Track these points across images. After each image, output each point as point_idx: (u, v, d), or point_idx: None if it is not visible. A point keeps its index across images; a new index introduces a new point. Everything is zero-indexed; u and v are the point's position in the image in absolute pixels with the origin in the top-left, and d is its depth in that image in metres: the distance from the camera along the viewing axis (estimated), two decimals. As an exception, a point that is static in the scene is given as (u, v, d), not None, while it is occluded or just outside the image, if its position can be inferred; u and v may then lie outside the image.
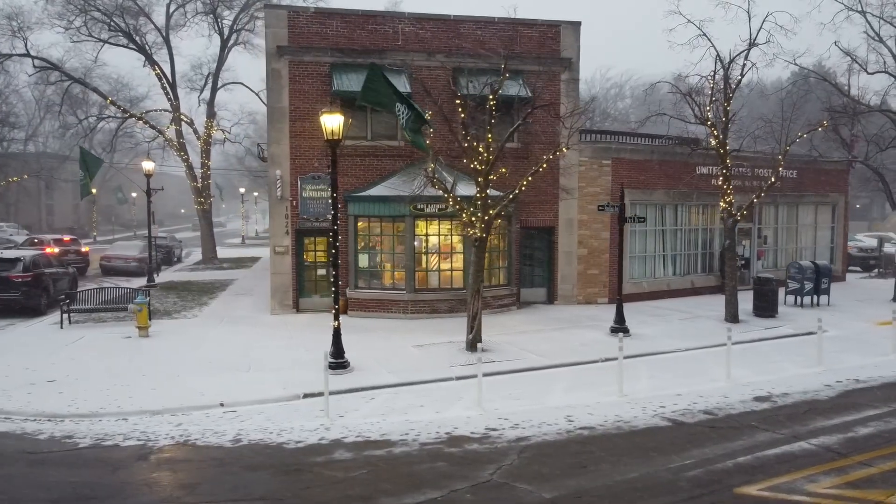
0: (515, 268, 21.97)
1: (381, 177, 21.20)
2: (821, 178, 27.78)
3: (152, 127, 35.79)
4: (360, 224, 20.95)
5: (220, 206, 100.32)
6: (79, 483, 8.53)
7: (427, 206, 19.95)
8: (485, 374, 14.10)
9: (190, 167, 36.61)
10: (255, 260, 41.38)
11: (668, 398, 12.13)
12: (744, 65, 19.23)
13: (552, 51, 22.22)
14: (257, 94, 40.78)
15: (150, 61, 36.29)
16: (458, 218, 19.05)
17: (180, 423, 11.10)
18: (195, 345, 17.08)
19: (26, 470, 9.07)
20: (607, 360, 15.59)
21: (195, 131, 37.99)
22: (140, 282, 31.31)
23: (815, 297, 22.42)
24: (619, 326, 18.03)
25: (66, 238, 35.41)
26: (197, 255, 45.08)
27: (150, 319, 18.56)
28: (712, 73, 18.86)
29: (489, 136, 15.97)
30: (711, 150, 21.44)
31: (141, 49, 35.92)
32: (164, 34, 36.18)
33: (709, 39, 19.77)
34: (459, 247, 20.72)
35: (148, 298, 18.92)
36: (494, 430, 10.43)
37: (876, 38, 23.12)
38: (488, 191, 17.36)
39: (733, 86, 19.23)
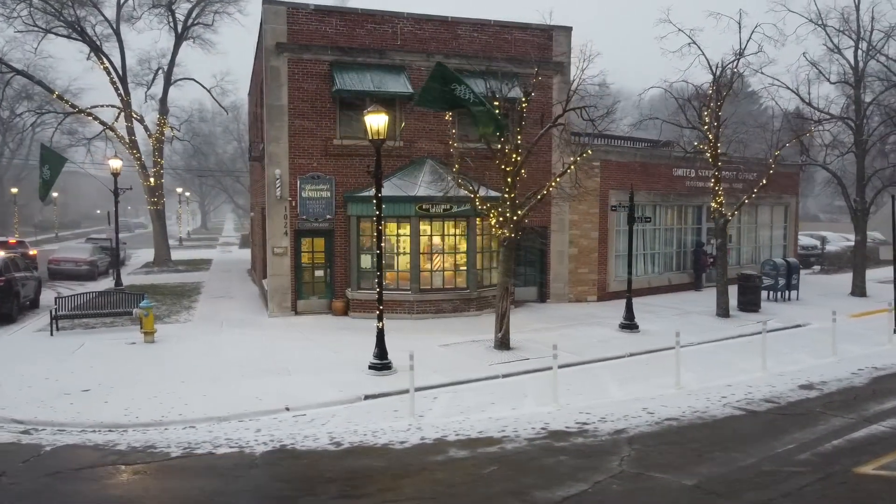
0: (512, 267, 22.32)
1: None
2: (776, 181, 29.47)
3: (102, 123, 34.06)
4: (363, 225, 20.80)
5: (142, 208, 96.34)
6: (211, 492, 8.26)
7: (433, 207, 20.04)
8: (526, 372, 14.57)
9: (143, 166, 35.09)
10: (208, 262, 40.11)
11: (721, 389, 12.78)
12: (733, 73, 20.33)
13: (545, 55, 22.72)
14: (209, 91, 39.84)
15: (98, 54, 34.55)
16: (483, 217, 19.39)
17: (259, 429, 10.83)
18: (213, 349, 16.56)
19: (141, 480, 8.68)
20: (632, 354, 16.28)
21: (146, 128, 36.45)
22: (92, 285, 29.90)
23: (787, 293, 23.91)
24: (629, 323, 18.74)
25: (12, 240, 33.26)
26: (140, 257, 43.22)
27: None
28: (712, 81, 19.82)
29: (518, 138, 16.25)
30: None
31: (89, 41, 34.11)
32: (114, 26, 34.54)
33: (699, 48, 20.82)
34: (463, 247, 20.90)
35: (153, 303, 18.12)
36: (585, 424, 10.74)
37: (835, 50, 24.86)
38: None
39: (724, 93, 20.27)
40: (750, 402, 11.80)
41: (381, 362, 14.21)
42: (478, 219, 20.69)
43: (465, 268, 20.91)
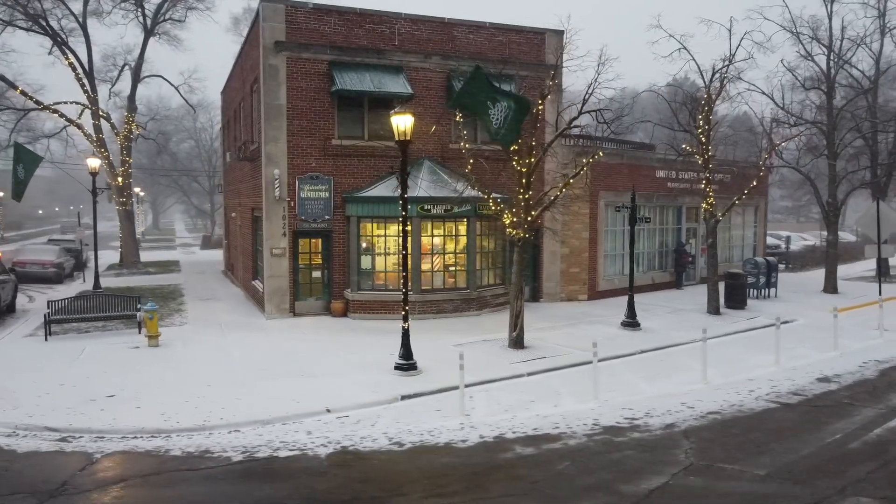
0: (507, 268, 22.59)
1: (378, 177, 21.07)
2: (748, 182, 30.55)
3: (69, 121, 32.88)
4: (363, 225, 20.71)
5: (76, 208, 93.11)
6: (299, 496, 8.19)
7: (434, 208, 20.12)
8: (548, 370, 14.82)
9: (111, 165, 34.03)
10: (175, 263, 39.19)
11: (745, 383, 13.26)
12: (723, 79, 21.03)
13: (538, 57, 23.06)
14: (177, 88, 38.98)
15: (63, 48, 33.34)
16: (482, 218, 19.57)
17: (310, 431, 10.75)
18: (223, 352, 16.26)
19: (217, 486, 8.54)
20: (643, 351, 16.69)
21: (113, 126, 35.39)
22: (63, 289, 29.06)
23: (767, 290, 24.83)
24: (632, 321, 19.17)
25: (-25, 242, 31.78)
26: (99, 258, 41.73)
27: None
28: (705, 87, 20.47)
29: (532, 140, 16.46)
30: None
31: (54, 35, 32.87)
32: (80, 20, 33.39)
33: (689, 53, 21.46)
34: (463, 247, 21.03)
35: (157, 306, 17.66)
36: (634, 419, 11.02)
37: (808, 57, 25.94)
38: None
39: (715, 98, 20.94)
40: (779, 396, 12.29)
41: (408, 363, 14.24)
42: (477, 220, 20.84)
43: (464, 268, 21.03)
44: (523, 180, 16.50)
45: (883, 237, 19.75)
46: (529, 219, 16.60)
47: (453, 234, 21.01)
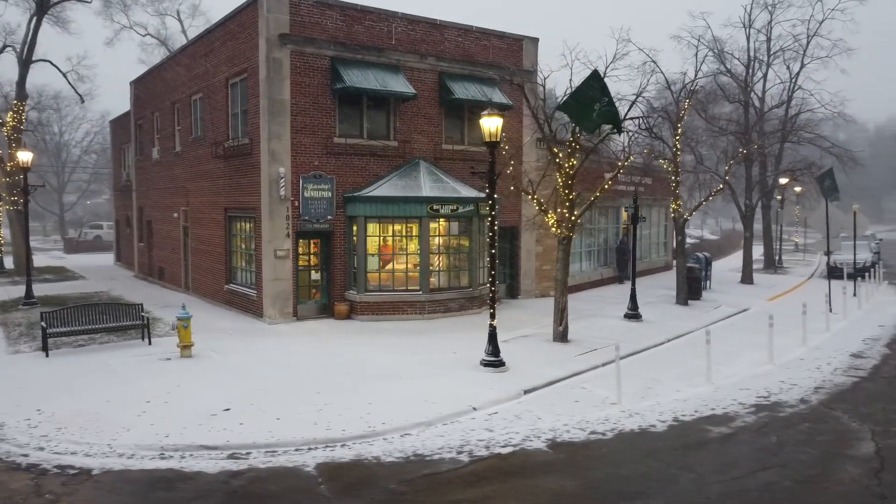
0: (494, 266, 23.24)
1: (378, 177, 20.85)
2: (661, 185, 33.60)
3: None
4: (369, 226, 20.34)
5: None
6: (579, 487, 8.39)
7: (442, 207, 20.30)
8: (612, 361, 15.71)
9: (0, 159, 30.13)
10: (65, 269, 35.28)
11: (801, 363, 15.07)
12: (692, 91, 23.19)
13: (517, 62, 23.90)
14: (65, 76, 35.36)
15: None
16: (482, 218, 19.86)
17: (490, 429, 10.80)
18: (273, 360, 15.23)
19: (492, 487, 8.47)
20: (669, 340, 18.13)
21: (-3, 116, 31.34)
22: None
23: (706, 283, 27.59)
24: (634, 313, 20.62)
25: None
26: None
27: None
28: (674, 98, 22.48)
29: (577, 144, 17.28)
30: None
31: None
32: (-38, -6, 29.23)
33: (657, 66, 23.38)
34: (466, 247, 21.36)
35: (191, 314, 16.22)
36: (764, 397, 12.24)
37: (727, 73, 29.15)
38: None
39: (685, 108, 23.05)
40: (846, 371, 14.14)
41: (497, 359, 14.48)
42: (479, 219, 21.28)
43: (467, 267, 21.35)
44: (569, 181, 17.29)
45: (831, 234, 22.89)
46: (573, 217, 17.42)
47: (457, 233, 21.28)
